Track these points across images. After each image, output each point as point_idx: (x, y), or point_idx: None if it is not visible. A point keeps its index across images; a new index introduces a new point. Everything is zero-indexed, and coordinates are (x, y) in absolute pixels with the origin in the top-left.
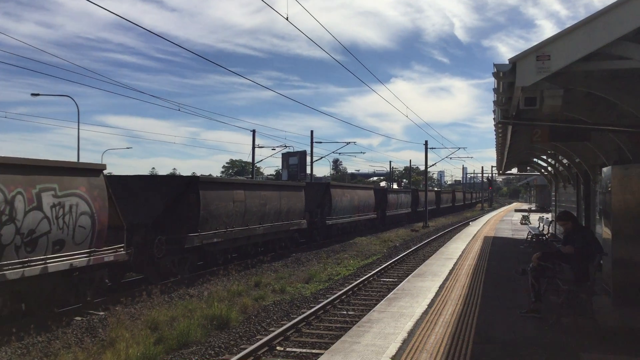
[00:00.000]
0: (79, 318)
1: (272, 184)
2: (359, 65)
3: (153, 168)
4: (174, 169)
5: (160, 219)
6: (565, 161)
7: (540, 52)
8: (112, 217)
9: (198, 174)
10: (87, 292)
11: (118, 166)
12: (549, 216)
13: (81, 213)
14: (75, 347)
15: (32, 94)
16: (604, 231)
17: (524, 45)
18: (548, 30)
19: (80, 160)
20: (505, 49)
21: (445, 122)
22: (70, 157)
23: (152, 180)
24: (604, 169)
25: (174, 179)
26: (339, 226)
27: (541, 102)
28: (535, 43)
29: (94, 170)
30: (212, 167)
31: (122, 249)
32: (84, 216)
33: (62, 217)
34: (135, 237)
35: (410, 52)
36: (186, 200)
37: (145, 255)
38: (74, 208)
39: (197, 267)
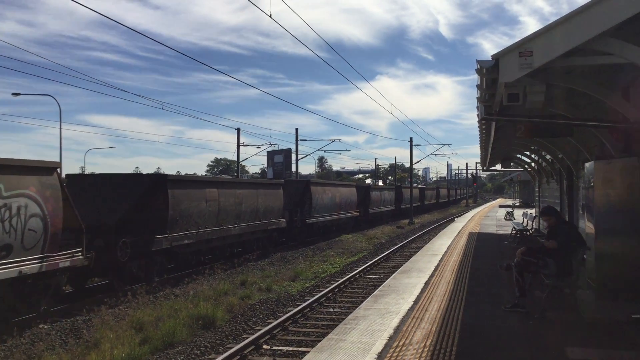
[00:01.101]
0: (63, 319)
1: (248, 182)
2: (344, 62)
3: (137, 167)
4: (158, 167)
5: (124, 220)
6: (548, 157)
7: (522, 48)
8: (69, 219)
9: (182, 173)
10: (41, 300)
11: (101, 166)
12: (532, 211)
13: (31, 215)
14: (60, 348)
15: (13, 94)
16: (586, 226)
17: (507, 42)
18: (532, 26)
19: (63, 160)
20: (490, 46)
21: (430, 119)
22: (53, 156)
23: (115, 179)
24: (587, 164)
25: (139, 177)
26: (320, 225)
27: (524, 98)
28: (518, 39)
29: (46, 168)
30: (197, 165)
31: (79, 254)
32: (34, 219)
33: (9, 220)
34: (97, 240)
35: (395, 49)
36: (153, 199)
37: (108, 259)
38: (23, 210)
39: (167, 271)
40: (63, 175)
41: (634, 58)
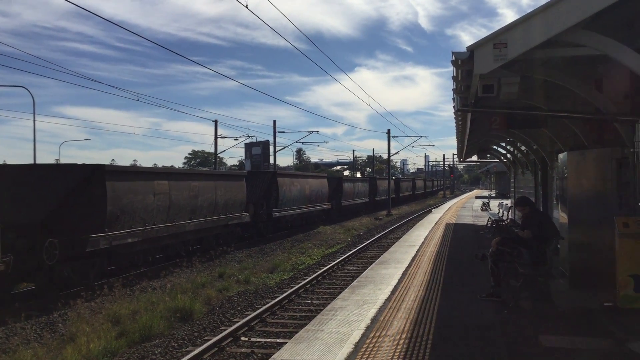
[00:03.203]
0: (38, 313)
1: (204, 173)
2: (323, 54)
3: (113, 160)
4: (135, 160)
5: (53, 218)
6: (523, 148)
7: (497, 40)
8: None
9: (159, 165)
10: None
11: (76, 158)
12: (508, 202)
13: None
14: (35, 342)
15: None
16: (560, 216)
17: (486, 34)
18: (510, 18)
19: (37, 153)
20: (468, 38)
21: (408, 111)
22: (27, 149)
23: (44, 170)
24: (560, 155)
25: (71, 168)
26: (288, 218)
27: (498, 90)
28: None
29: None
30: (175, 157)
31: None
32: None
33: None
34: (20, 240)
35: (375, 40)
36: (89, 193)
37: (33, 262)
38: None
39: (109, 273)
40: None
41: (607, 49)
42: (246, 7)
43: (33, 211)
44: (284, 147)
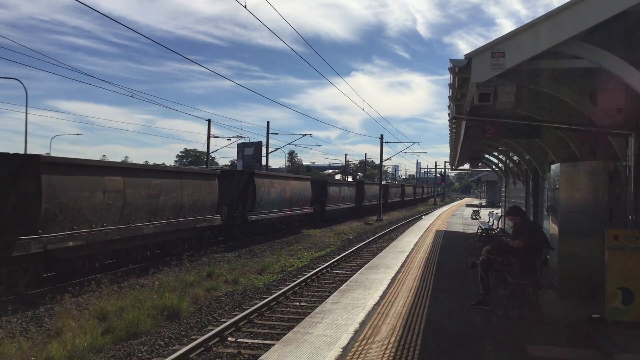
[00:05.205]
0: (24, 307)
1: (168, 170)
2: (320, 57)
3: (104, 155)
4: (126, 156)
5: None
6: (515, 158)
7: (495, 49)
8: None
9: (151, 162)
10: None
11: (68, 152)
12: (498, 211)
13: None
14: (20, 336)
15: None
16: (551, 227)
17: (483, 43)
18: (508, 28)
19: (28, 146)
20: (465, 46)
21: (403, 117)
22: (18, 142)
23: None
24: (553, 166)
25: None
26: (266, 222)
27: (495, 99)
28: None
29: None
30: (167, 155)
31: None
32: None
33: None
34: None
35: (372, 46)
36: (20, 188)
37: None
38: None
39: (48, 281)
40: None
41: (603, 62)
42: (245, 7)
43: None
44: (277, 149)
